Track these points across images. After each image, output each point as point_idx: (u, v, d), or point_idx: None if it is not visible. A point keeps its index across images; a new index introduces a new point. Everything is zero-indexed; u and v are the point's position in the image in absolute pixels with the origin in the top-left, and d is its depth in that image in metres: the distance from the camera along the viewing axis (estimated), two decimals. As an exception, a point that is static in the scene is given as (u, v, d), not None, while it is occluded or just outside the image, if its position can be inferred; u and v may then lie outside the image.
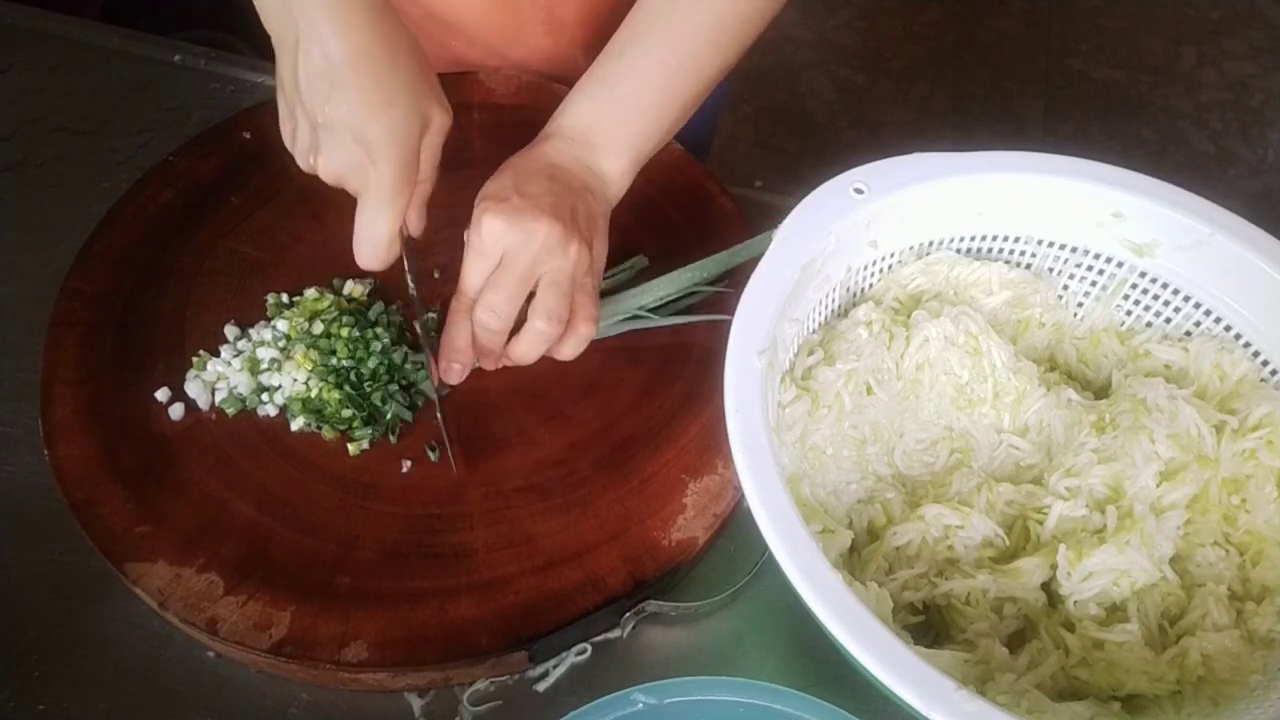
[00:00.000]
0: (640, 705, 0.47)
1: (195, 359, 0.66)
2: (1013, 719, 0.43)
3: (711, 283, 0.70)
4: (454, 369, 0.63)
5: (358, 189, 0.58)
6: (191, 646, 0.59)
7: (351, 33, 0.56)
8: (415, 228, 0.64)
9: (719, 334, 0.55)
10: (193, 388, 0.65)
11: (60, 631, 0.59)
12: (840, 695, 0.49)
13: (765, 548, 0.48)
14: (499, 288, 0.60)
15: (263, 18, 0.58)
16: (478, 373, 0.65)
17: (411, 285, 0.64)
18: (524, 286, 0.60)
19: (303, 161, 0.61)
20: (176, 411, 0.64)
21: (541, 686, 0.58)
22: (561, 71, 0.86)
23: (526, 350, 0.62)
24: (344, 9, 0.56)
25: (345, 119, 0.56)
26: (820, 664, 0.59)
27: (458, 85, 0.81)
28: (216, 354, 0.66)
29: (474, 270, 0.60)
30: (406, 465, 0.63)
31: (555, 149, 0.64)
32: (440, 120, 0.60)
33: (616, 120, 0.64)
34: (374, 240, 0.59)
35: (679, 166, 0.78)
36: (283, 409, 0.64)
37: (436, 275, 0.72)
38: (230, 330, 0.68)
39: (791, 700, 0.48)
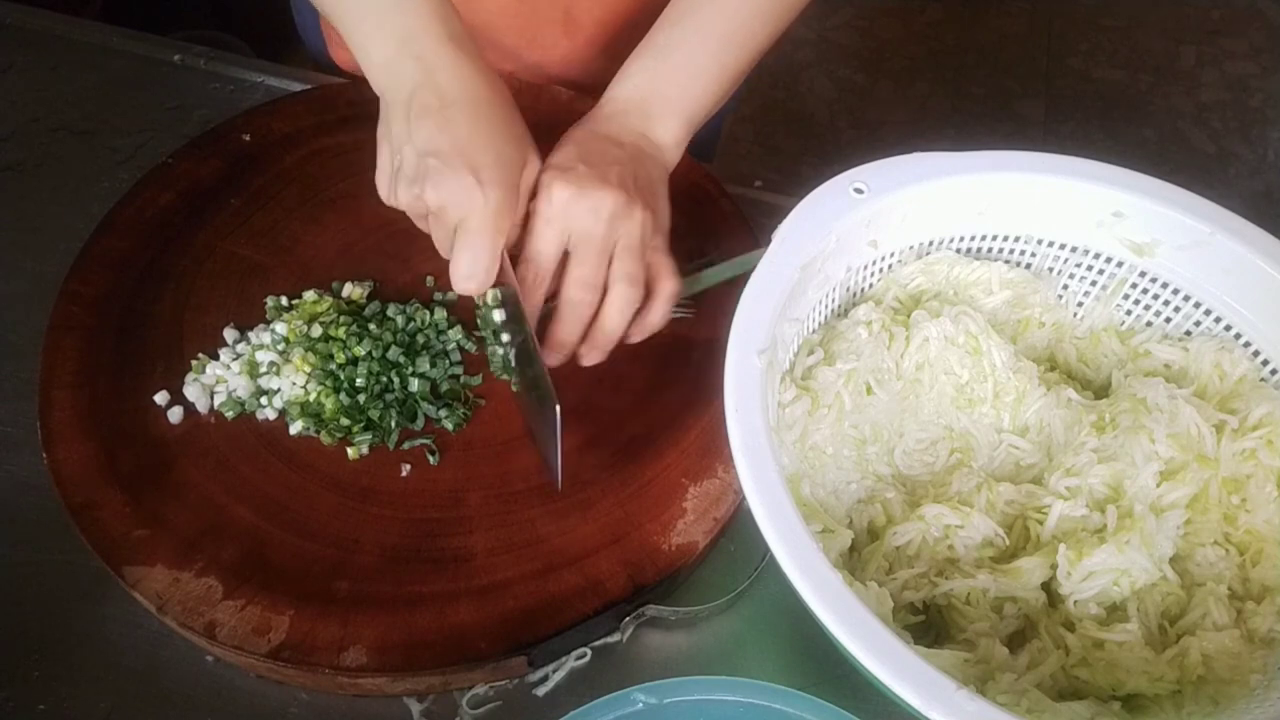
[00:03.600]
0: (640, 705, 0.47)
1: (194, 362, 0.66)
2: (1013, 719, 0.43)
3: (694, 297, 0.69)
4: (554, 356, 0.63)
5: (462, 214, 0.58)
6: (191, 647, 0.59)
7: (464, 77, 0.60)
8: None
9: (718, 337, 0.55)
10: (191, 391, 0.64)
11: (60, 631, 0.59)
12: (840, 695, 0.49)
13: (765, 550, 0.48)
14: (584, 261, 0.60)
15: (372, 81, 0.62)
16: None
17: (499, 319, 0.62)
18: (606, 255, 0.60)
19: (406, 195, 0.60)
20: (175, 415, 0.64)
21: (541, 691, 0.58)
22: (578, 74, 0.86)
23: (615, 318, 0.62)
24: (457, 52, 0.60)
25: (456, 147, 0.58)
26: (820, 664, 0.59)
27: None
28: (215, 357, 0.66)
29: (544, 238, 0.60)
30: (406, 469, 0.63)
31: (611, 120, 0.65)
32: (534, 165, 0.62)
33: (671, 88, 0.66)
34: (475, 260, 0.58)
35: (680, 169, 0.78)
36: (282, 412, 0.64)
37: (430, 282, 0.72)
38: (229, 333, 0.68)
39: (791, 700, 0.47)
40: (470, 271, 0.58)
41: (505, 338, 0.63)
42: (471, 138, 0.58)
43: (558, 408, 0.56)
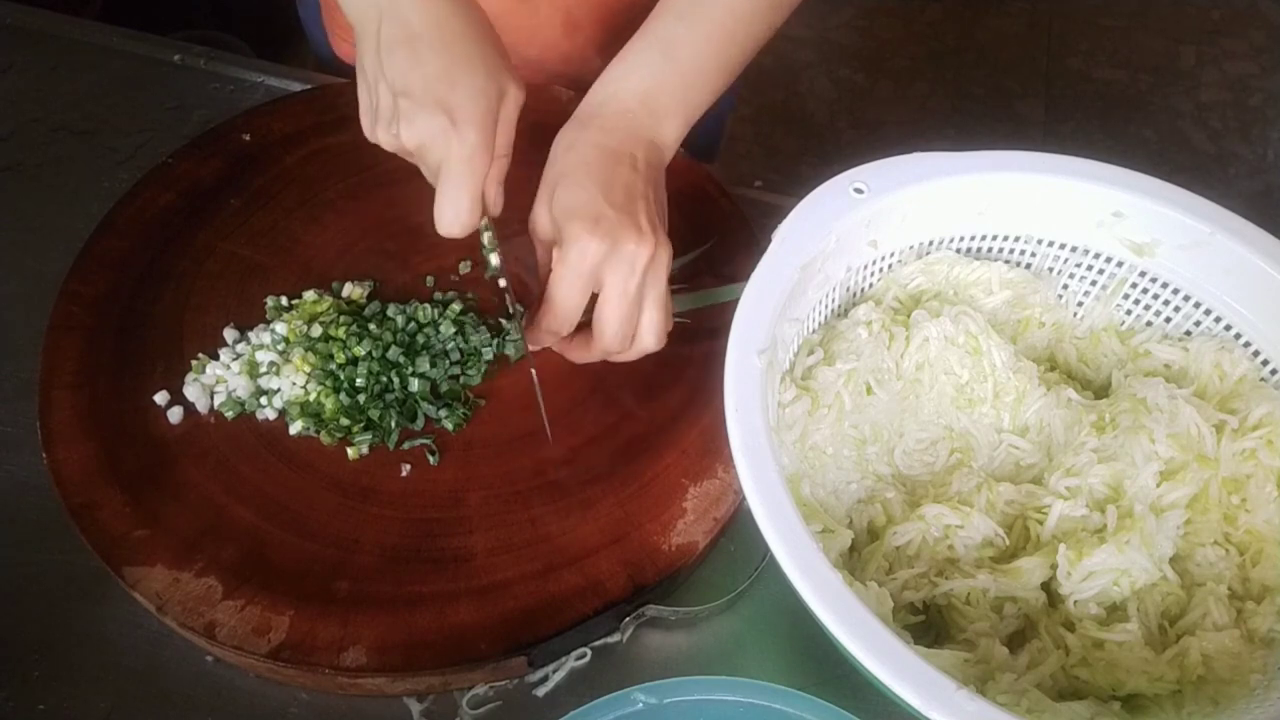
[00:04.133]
0: (640, 705, 0.47)
1: (194, 362, 0.66)
2: (1013, 719, 0.43)
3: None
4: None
5: (440, 156, 0.57)
6: (191, 647, 0.59)
7: (430, 5, 0.58)
8: (494, 205, 0.62)
9: (718, 338, 0.55)
10: (191, 391, 0.64)
11: (60, 631, 0.59)
12: (840, 695, 0.49)
13: (765, 550, 0.48)
14: (619, 315, 0.58)
15: (344, 9, 0.60)
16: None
17: (496, 263, 0.63)
18: (638, 308, 0.59)
19: (385, 136, 0.59)
20: (175, 415, 0.64)
21: (541, 691, 0.58)
22: (577, 71, 0.86)
23: (632, 359, 0.62)
24: None
25: (428, 86, 0.56)
26: (820, 664, 0.59)
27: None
28: (215, 357, 0.66)
29: (572, 290, 0.58)
30: (406, 469, 0.63)
31: (612, 125, 0.62)
32: (515, 93, 0.60)
33: (677, 87, 0.64)
34: (456, 205, 0.57)
35: (680, 169, 0.78)
36: (282, 412, 0.64)
37: (430, 282, 0.72)
38: (229, 333, 0.68)
39: (791, 700, 0.47)
40: (452, 217, 0.58)
41: (503, 283, 0.64)
42: (442, 73, 0.57)
43: (533, 371, 0.62)
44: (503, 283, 0.64)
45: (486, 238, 0.62)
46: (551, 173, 0.61)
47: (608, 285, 0.58)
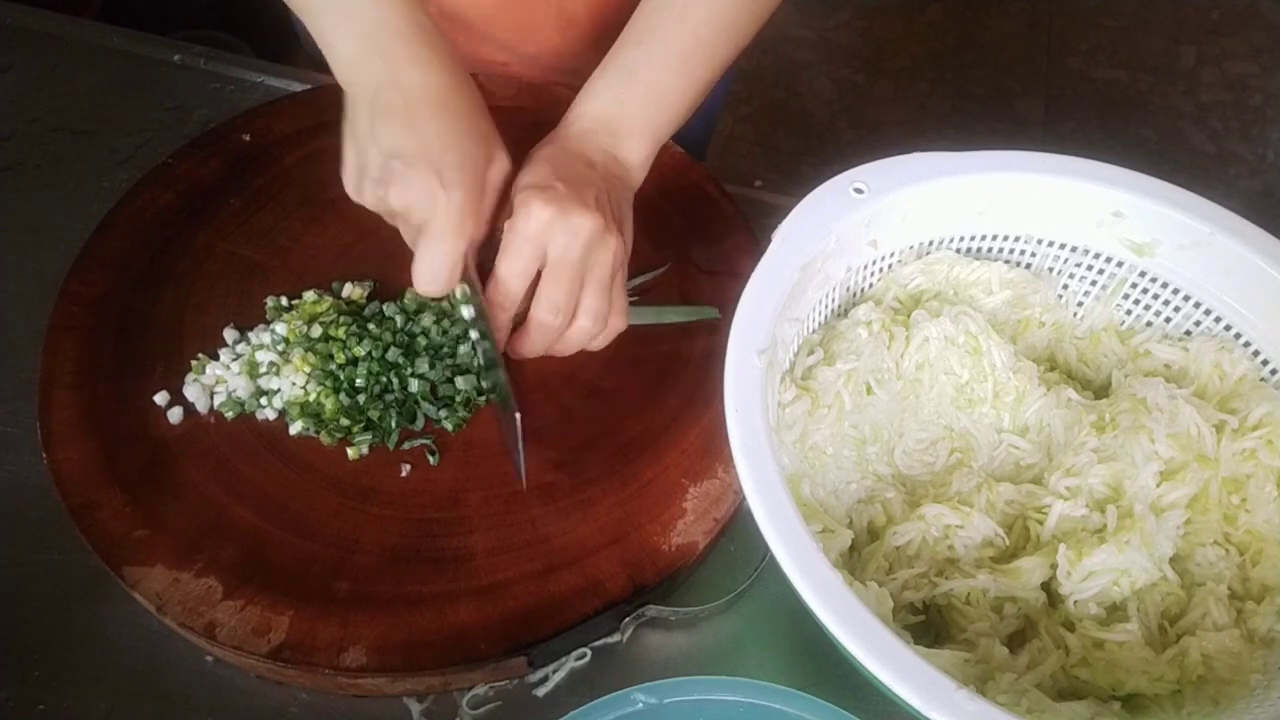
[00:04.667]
0: (640, 705, 0.47)
1: (194, 362, 0.66)
2: (1013, 719, 0.43)
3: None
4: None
5: (425, 216, 0.58)
6: (191, 647, 0.58)
7: (430, 73, 0.60)
8: (469, 267, 0.63)
9: (718, 338, 0.55)
10: (191, 391, 0.64)
11: (60, 631, 0.59)
12: (840, 695, 0.49)
13: (765, 550, 0.48)
14: (560, 284, 0.59)
15: (337, 74, 0.62)
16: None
17: (468, 315, 0.64)
18: (579, 281, 0.60)
19: (372, 196, 0.60)
20: (175, 415, 0.64)
21: (541, 691, 0.58)
22: (571, 67, 0.86)
23: (572, 345, 0.62)
24: (423, 49, 0.60)
25: (421, 149, 0.58)
26: (820, 664, 0.59)
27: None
28: (215, 357, 0.66)
29: (519, 257, 0.59)
30: (406, 469, 0.63)
31: (579, 138, 0.65)
32: (502, 161, 0.62)
33: (639, 107, 0.66)
34: (436, 263, 0.58)
35: (679, 169, 0.78)
36: (282, 413, 0.64)
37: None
38: (229, 333, 0.68)
39: (791, 700, 0.47)
40: (432, 275, 0.58)
41: (474, 334, 0.64)
42: (435, 138, 0.58)
43: (518, 416, 0.59)
44: (474, 334, 0.64)
45: (459, 291, 0.63)
46: (517, 177, 0.63)
47: (550, 249, 0.59)
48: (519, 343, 0.63)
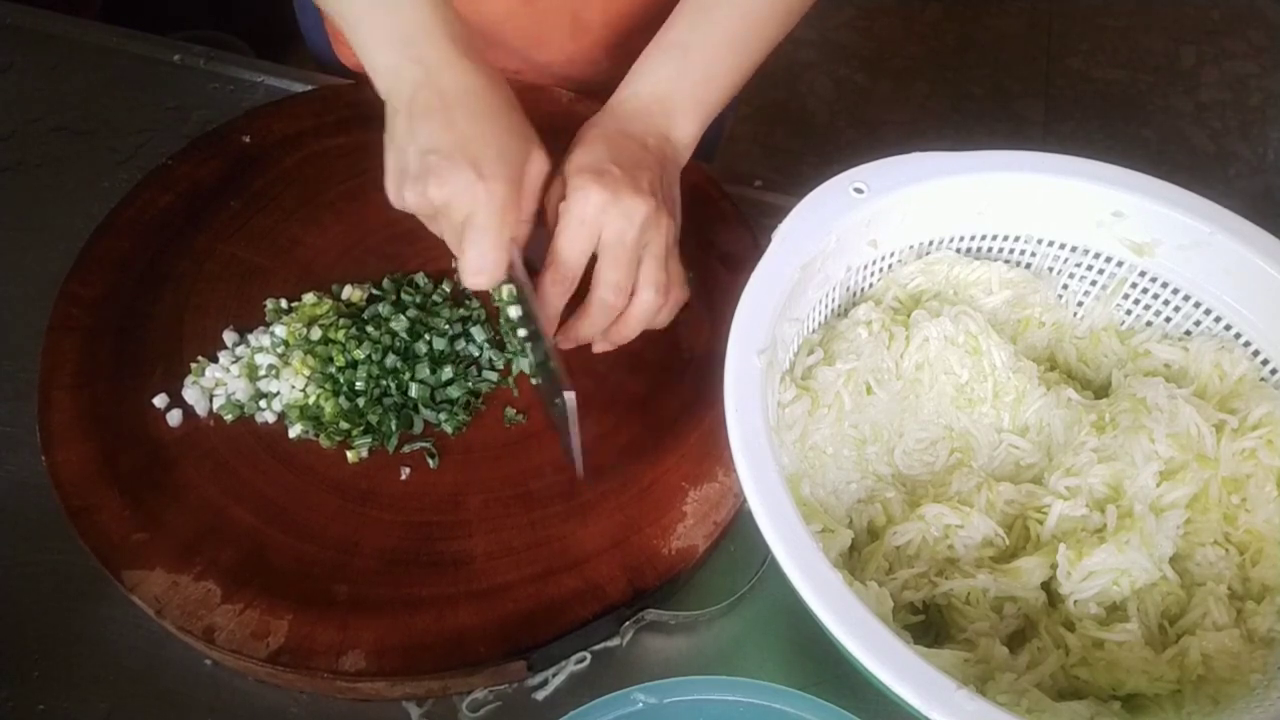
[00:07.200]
0: (640, 705, 0.47)
1: (193, 365, 0.66)
2: (1013, 718, 0.43)
3: None
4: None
5: (468, 210, 0.58)
6: (192, 647, 0.58)
7: (465, 73, 0.60)
8: (516, 264, 0.64)
9: (719, 342, 0.55)
10: (191, 394, 0.64)
11: (60, 631, 0.59)
12: (840, 695, 0.49)
13: (766, 554, 0.48)
14: (619, 265, 0.60)
15: (378, 88, 0.62)
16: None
17: (515, 315, 0.64)
18: (636, 260, 0.61)
19: (413, 194, 0.60)
20: (174, 418, 0.64)
21: (540, 695, 0.58)
22: (584, 73, 0.86)
23: (638, 321, 0.63)
24: (457, 51, 0.60)
25: (459, 145, 0.58)
26: (820, 664, 0.59)
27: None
28: (215, 360, 0.66)
29: (576, 239, 0.60)
30: (405, 472, 0.63)
31: (634, 118, 0.65)
32: (539, 160, 0.62)
33: (692, 87, 0.66)
34: (484, 255, 0.58)
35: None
36: (281, 415, 0.64)
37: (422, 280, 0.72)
38: (229, 336, 0.68)
39: (791, 700, 0.47)
40: (479, 266, 0.58)
41: (522, 333, 0.64)
42: (473, 134, 0.59)
43: (572, 394, 0.57)
44: (522, 332, 0.64)
45: (505, 290, 0.63)
46: (570, 149, 0.63)
47: (606, 233, 0.60)
48: (579, 326, 0.63)
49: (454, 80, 0.60)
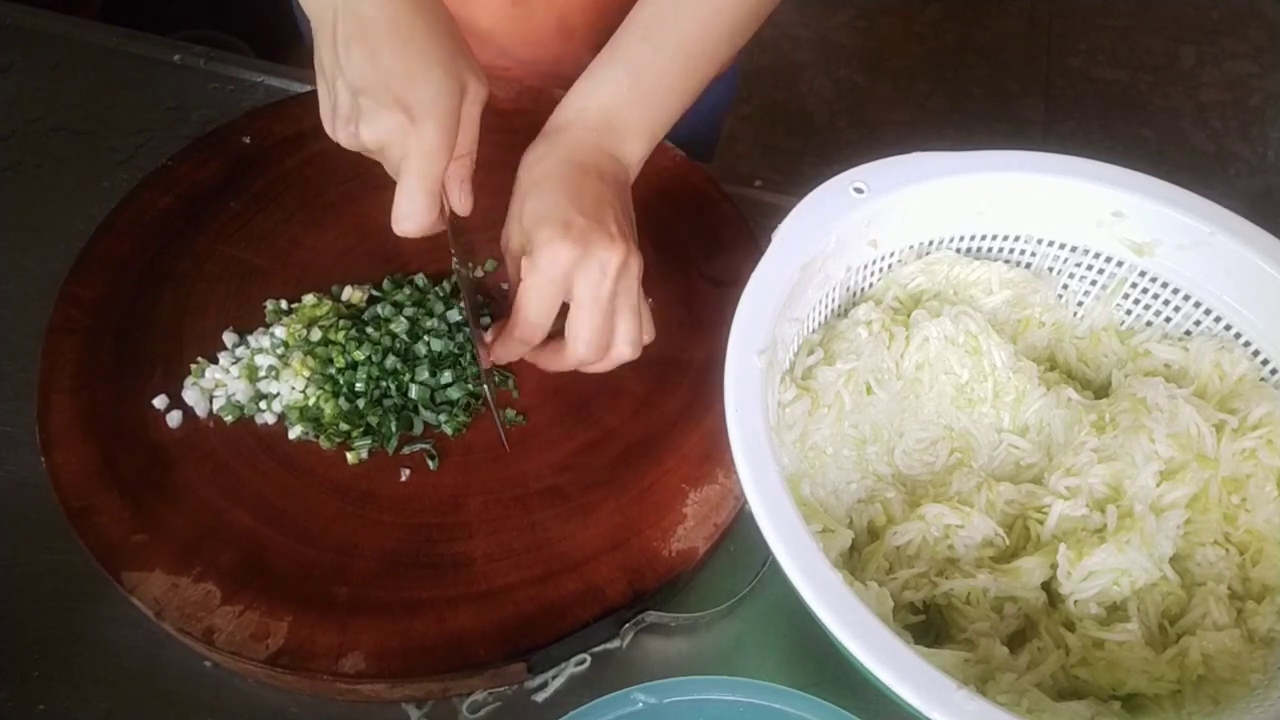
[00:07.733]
0: (640, 704, 0.47)
1: (193, 366, 0.66)
2: (1013, 718, 0.43)
3: None
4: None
5: (399, 154, 0.57)
6: (191, 647, 0.58)
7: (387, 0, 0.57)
8: (461, 205, 0.63)
9: (718, 344, 0.55)
10: (190, 395, 0.64)
11: (60, 631, 0.59)
12: (840, 695, 0.49)
13: (766, 555, 0.48)
14: (593, 322, 0.58)
15: (303, 4, 0.59)
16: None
17: (457, 264, 0.64)
18: (611, 314, 0.59)
19: (345, 135, 0.59)
20: (174, 419, 0.64)
21: (540, 697, 0.58)
22: (570, 72, 0.85)
23: (609, 368, 0.61)
24: None
25: (386, 83, 0.56)
26: (820, 664, 0.59)
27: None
28: (215, 361, 0.66)
29: (544, 298, 0.58)
30: (405, 474, 0.63)
31: (578, 139, 0.63)
32: (476, 89, 0.59)
33: (642, 106, 0.64)
34: (413, 203, 0.57)
35: (680, 171, 0.78)
36: (281, 417, 0.64)
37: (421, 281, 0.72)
38: (229, 337, 0.68)
39: (791, 700, 0.47)
40: (406, 212, 0.57)
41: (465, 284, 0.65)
42: (398, 69, 0.56)
43: (485, 388, 0.62)
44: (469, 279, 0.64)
45: (452, 242, 0.63)
46: (521, 188, 0.61)
47: (579, 291, 0.58)
48: (549, 362, 0.62)
49: (374, 6, 0.57)
